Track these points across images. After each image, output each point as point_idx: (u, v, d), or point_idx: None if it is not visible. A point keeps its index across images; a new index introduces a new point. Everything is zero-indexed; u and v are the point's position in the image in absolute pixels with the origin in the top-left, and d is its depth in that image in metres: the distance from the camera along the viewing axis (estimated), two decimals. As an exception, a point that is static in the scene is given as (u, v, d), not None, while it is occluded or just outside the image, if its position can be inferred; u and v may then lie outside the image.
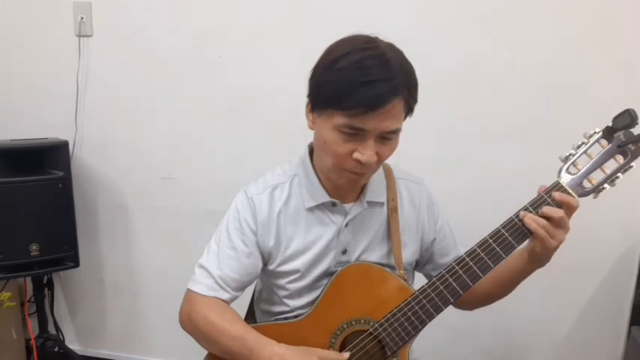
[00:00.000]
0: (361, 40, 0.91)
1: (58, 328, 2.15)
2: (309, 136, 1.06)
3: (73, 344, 2.23)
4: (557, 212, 0.92)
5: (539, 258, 0.98)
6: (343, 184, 0.99)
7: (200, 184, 1.97)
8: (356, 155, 0.91)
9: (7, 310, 1.90)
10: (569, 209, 0.93)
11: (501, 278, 1.08)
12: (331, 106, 0.90)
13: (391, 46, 0.91)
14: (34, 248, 1.81)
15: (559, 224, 0.92)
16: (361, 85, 0.85)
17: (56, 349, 2.01)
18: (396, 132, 0.92)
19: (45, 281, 2.04)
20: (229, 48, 1.85)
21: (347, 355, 0.99)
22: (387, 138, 0.92)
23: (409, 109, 0.93)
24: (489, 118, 1.69)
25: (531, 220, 0.93)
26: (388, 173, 1.10)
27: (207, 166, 1.96)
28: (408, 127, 0.99)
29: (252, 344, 0.96)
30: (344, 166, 0.94)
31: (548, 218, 0.93)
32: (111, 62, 1.96)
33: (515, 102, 1.67)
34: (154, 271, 2.11)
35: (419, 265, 1.18)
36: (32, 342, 1.96)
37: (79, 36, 1.95)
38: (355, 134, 0.89)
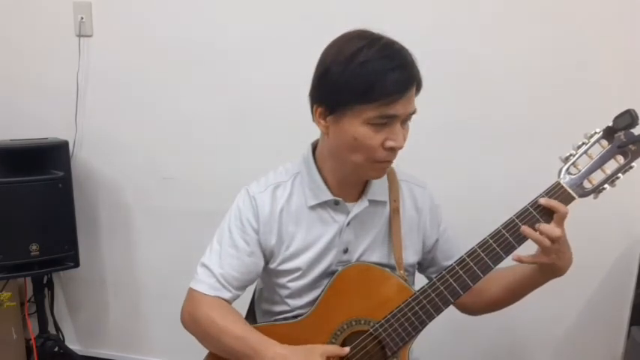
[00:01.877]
0: (360, 36, 0.93)
1: (58, 328, 2.15)
2: (310, 136, 1.07)
3: (73, 344, 2.23)
4: (554, 231, 0.92)
5: (546, 270, 0.98)
6: (374, 177, 1.02)
7: (200, 184, 1.97)
8: (389, 143, 0.92)
9: (7, 310, 1.90)
10: (560, 217, 0.93)
11: (514, 285, 1.07)
12: (359, 102, 0.90)
13: (388, 37, 0.94)
14: (34, 248, 1.81)
15: (553, 241, 0.93)
16: (386, 74, 0.88)
17: (56, 349, 2.02)
18: (415, 112, 0.96)
19: (45, 281, 2.04)
20: (230, 48, 1.84)
21: (347, 349, 1.00)
22: (407, 121, 0.96)
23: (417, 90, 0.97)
24: (490, 119, 1.69)
25: (529, 232, 0.94)
26: (391, 175, 1.10)
27: (207, 166, 1.96)
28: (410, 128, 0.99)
29: (255, 344, 0.96)
30: (376, 158, 0.95)
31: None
32: (111, 62, 1.96)
33: (515, 103, 1.67)
34: (154, 271, 2.11)
35: (422, 268, 1.18)
36: (32, 342, 1.96)
37: (79, 36, 1.95)
38: (385, 123, 0.91)
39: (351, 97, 0.90)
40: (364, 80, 0.88)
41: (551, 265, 0.96)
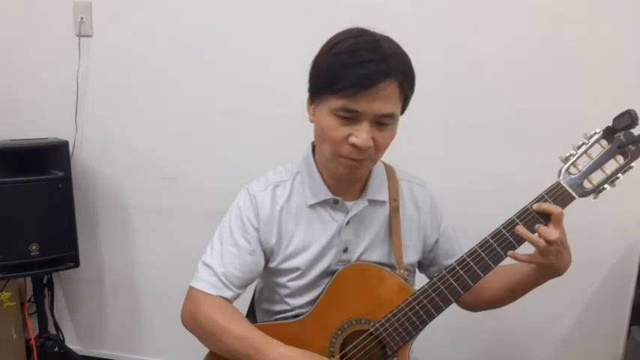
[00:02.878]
0: (357, 29, 0.95)
1: (58, 328, 2.15)
2: (309, 135, 1.07)
3: (73, 344, 2.23)
4: (551, 234, 0.92)
5: (545, 270, 0.99)
6: (342, 173, 0.98)
7: (200, 184, 1.97)
8: (351, 139, 0.92)
9: (7, 310, 1.90)
10: (556, 218, 0.93)
11: (512, 286, 1.08)
12: (327, 91, 0.92)
13: (387, 37, 0.94)
14: (34, 248, 1.81)
15: (556, 244, 0.93)
16: (353, 66, 0.88)
17: (56, 349, 2.01)
18: (391, 117, 0.93)
19: (45, 281, 2.04)
20: (229, 48, 1.85)
21: None
22: (383, 123, 0.93)
23: (405, 98, 0.95)
24: (490, 119, 1.69)
25: (526, 234, 0.94)
26: (391, 174, 1.11)
27: (207, 166, 1.96)
28: (408, 127, 0.99)
29: (258, 344, 0.95)
30: (341, 152, 0.95)
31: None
32: (111, 62, 1.96)
33: (515, 102, 1.67)
34: (154, 271, 2.11)
35: (423, 267, 1.18)
36: (32, 342, 1.96)
37: (79, 36, 1.95)
38: (350, 117, 0.91)
39: (321, 86, 0.93)
40: (331, 70, 0.90)
41: (550, 265, 0.96)
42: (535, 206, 0.95)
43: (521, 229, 0.94)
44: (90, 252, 2.10)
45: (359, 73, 0.87)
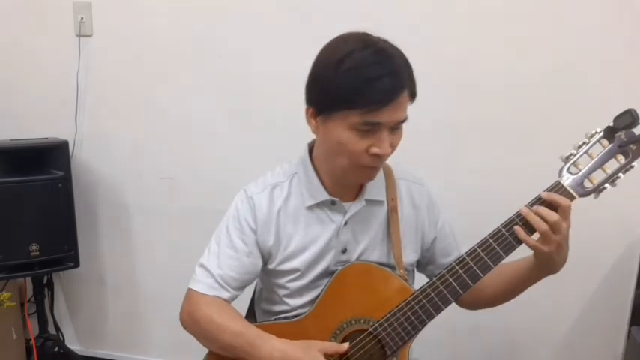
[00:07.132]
0: (357, 39, 0.93)
1: (58, 328, 2.15)
2: (308, 136, 1.06)
3: (73, 344, 2.23)
4: (551, 216, 0.92)
5: (543, 264, 0.99)
6: (363, 180, 1.02)
7: (200, 184, 1.97)
8: (374, 150, 0.93)
9: (7, 310, 1.90)
10: (563, 210, 0.93)
11: (510, 283, 1.08)
12: (344, 107, 0.90)
13: (386, 41, 0.94)
14: (34, 248, 1.81)
15: (554, 229, 0.93)
16: (373, 81, 0.88)
17: (56, 349, 2.02)
18: (405, 121, 0.95)
19: (45, 281, 2.04)
20: (229, 48, 1.85)
21: (346, 345, 0.99)
22: (397, 128, 0.95)
23: (411, 100, 0.96)
24: (490, 119, 1.69)
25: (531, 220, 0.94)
26: (388, 173, 1.10)
27: (207, 166, 1.96)
28: (411, 128, 0.99)
29: (252, 339, 0.97)
30: (361, 163, 0.95)
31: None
32: (111, 62, 1.96)
33: (515, 103, 1.67)
34: (153, 270, 2.11)
35: (421, 265, 1.18)
36: (32, 342, 1.96)
37: (79, 36, 1.95)
38: (370, 130, 0.91)
39: (337, 102, 0.91)
40: (349, 87, 0.89)
41: (548, 258, 0.96)
42: (544, 195, 0.94)
43: (524, 209, 0.95)
44: (90, 252, 2.10)
45: (379, 88, 0.88)
